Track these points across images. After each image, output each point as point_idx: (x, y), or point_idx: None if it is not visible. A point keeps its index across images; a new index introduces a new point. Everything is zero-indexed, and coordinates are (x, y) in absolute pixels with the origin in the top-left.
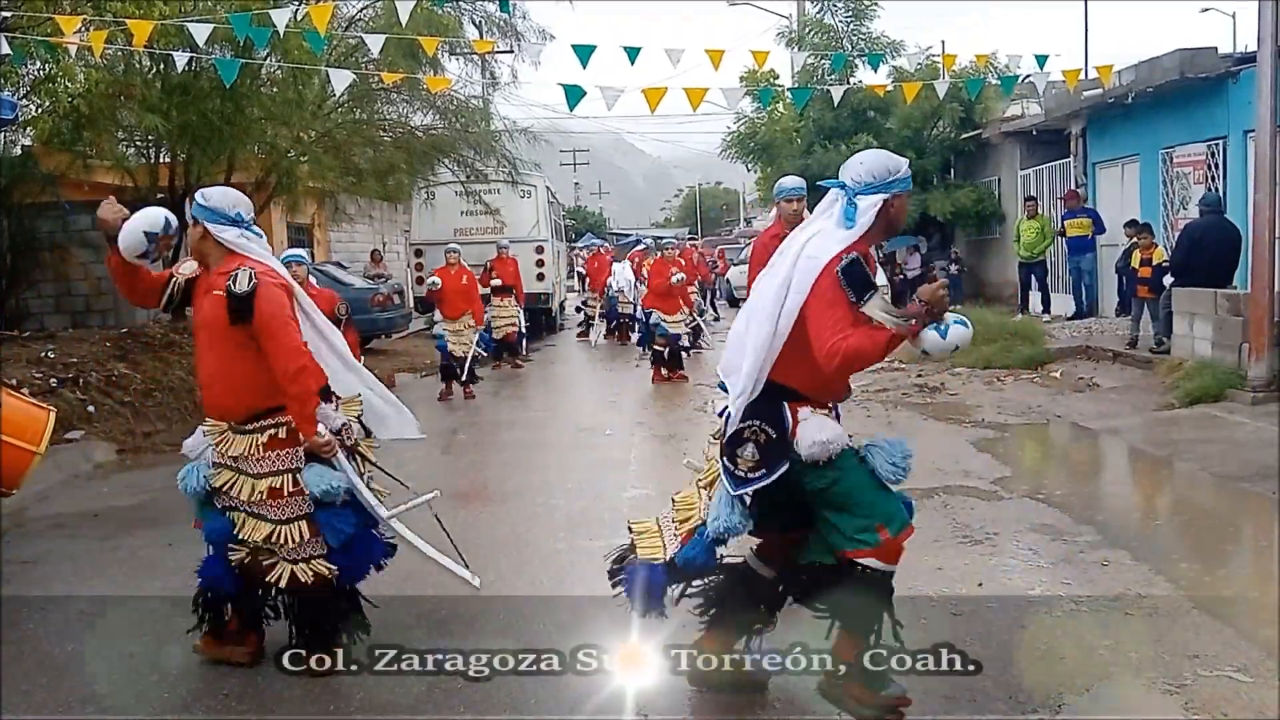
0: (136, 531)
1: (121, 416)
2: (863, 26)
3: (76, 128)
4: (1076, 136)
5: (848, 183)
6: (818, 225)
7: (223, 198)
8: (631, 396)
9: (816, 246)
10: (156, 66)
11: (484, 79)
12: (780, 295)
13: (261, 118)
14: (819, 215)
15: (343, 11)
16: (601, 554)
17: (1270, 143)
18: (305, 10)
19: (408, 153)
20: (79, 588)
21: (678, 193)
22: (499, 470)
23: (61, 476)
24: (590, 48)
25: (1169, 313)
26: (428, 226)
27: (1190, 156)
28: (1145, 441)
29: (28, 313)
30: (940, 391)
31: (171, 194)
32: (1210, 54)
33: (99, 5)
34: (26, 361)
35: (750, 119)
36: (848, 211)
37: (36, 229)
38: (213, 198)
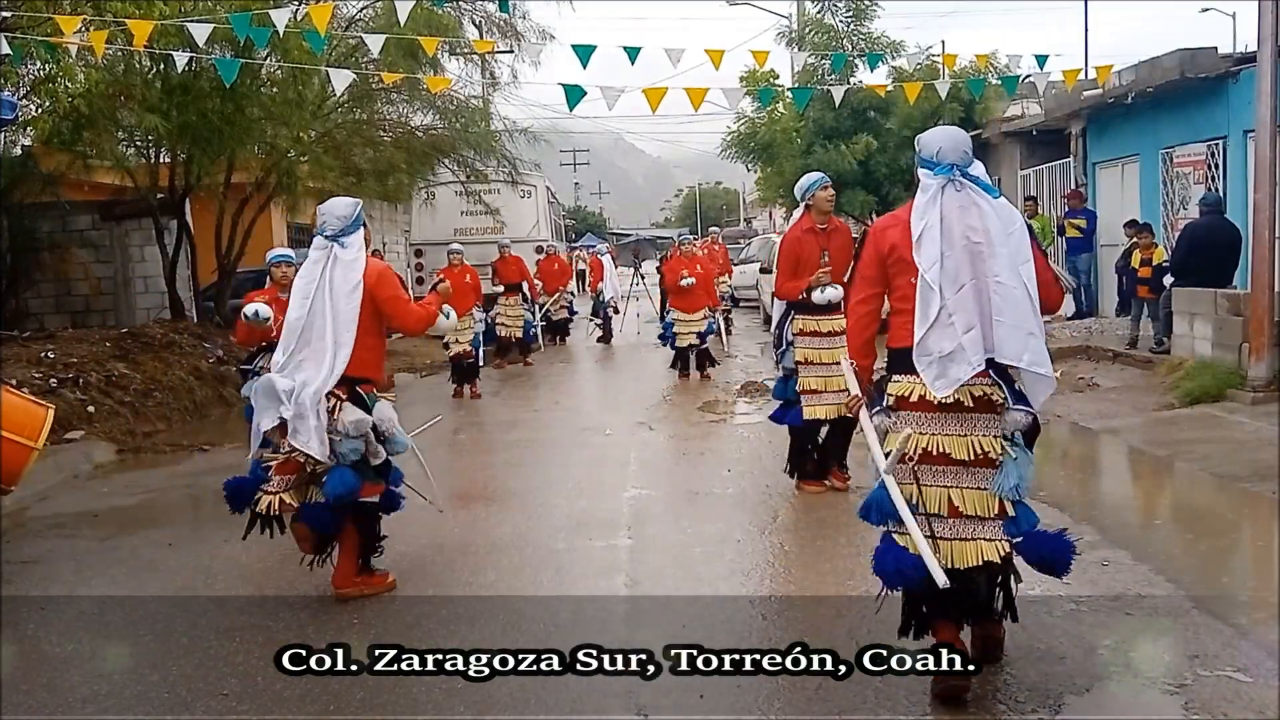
0: (136, 531)
1: (121, 416)
2: (863, 26)
3: (76, 128)
4: (1076, 136)
5: (958, 161)
6: (978, 203)
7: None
8: (632, 396)
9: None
10: (156, 66)
11: (484, 79)
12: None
13: (261, 118)
14: (962, 194)
15: (343, 11)
16: (601, 554)
17: (1270, 143)
18: (305, 10)
19: (408, 153)
20: (79, 588)
21: (678, 193)
22: (499, 470)
23: (61, 476)
24: (590, 48)
25: (1169, 313)
26: (428, 226)
27: (1190, 156)
28: (1145, 441)
29: (28, 313)
30: None
31: (171, 194)
32: (1210, 54)
33: (99, 5)
34: (26, 361)
35: (750, 119)
36: (986, 185)
37: (36, 229)
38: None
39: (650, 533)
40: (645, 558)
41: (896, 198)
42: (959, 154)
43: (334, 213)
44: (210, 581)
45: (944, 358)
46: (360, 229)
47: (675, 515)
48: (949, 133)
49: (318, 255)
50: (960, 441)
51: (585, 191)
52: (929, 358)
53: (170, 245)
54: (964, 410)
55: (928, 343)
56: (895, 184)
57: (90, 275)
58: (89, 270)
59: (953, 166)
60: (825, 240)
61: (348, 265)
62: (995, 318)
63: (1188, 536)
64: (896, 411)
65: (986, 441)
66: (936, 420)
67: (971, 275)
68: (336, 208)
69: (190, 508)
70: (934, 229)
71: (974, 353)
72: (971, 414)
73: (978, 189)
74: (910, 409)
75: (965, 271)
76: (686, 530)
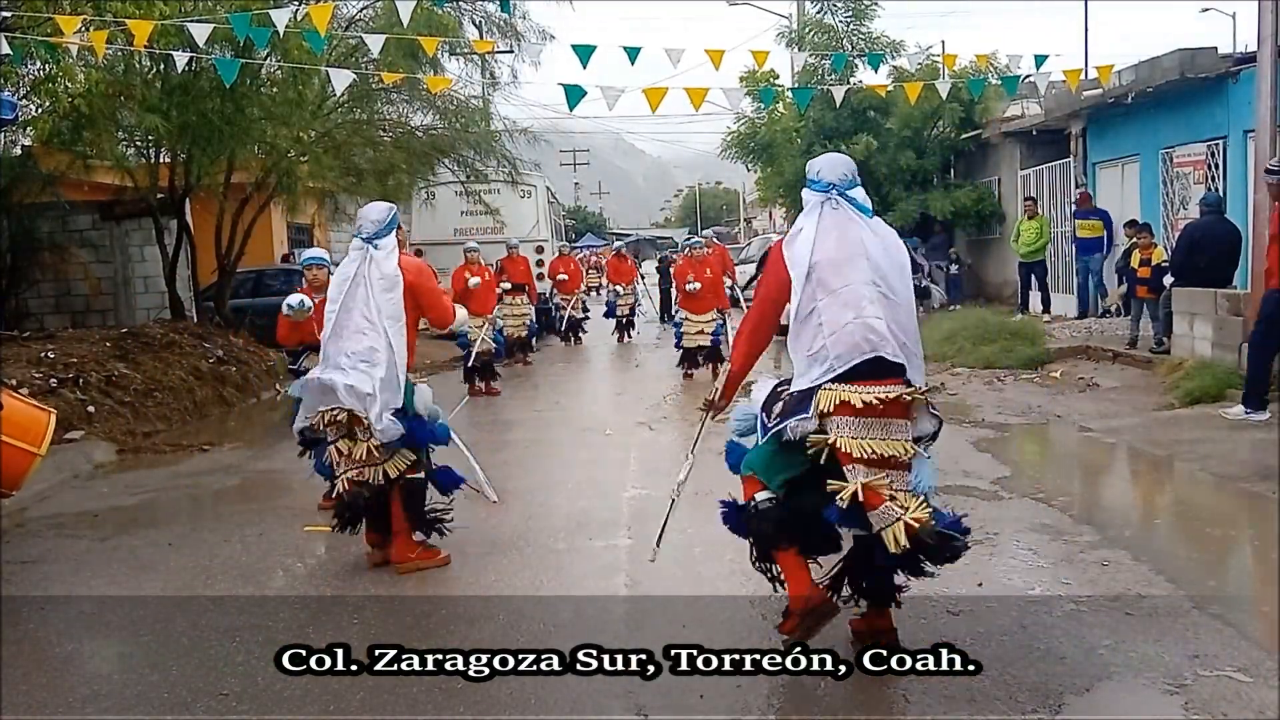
0: (136, 531)
1: (121, 416)
2: (863, 26)
3: (76, 128)
4: (1076, 136)
5: (836, 181)
6: (853, 219)
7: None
8: (633, 396)
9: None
10: (156, 66)
11: (484, 79)
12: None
13: (261, 118)
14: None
15: (343, 11)
16: (601, 554)
17: (1270, 143)
18: (305, 10)
19: (408, 153)
20: (79, 588)
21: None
22: (500, 470)
23: (61, 476)
24: (590, 48)
25: (1169, 313)
26: (428, 226)
27: (1190, 156)
28: (1145, 441)
29: (28, 313)
30: (940, 391)
31: (172, 194)
32: (1210, 54)
33: (99, 5)
34: (26, 361)
35: (750, 119)
36: (863, 207)
37: (36, 229)
38: None
39: (650, 533)
40: (645, 558)
41: (896, 198)
42: (838, 175)
43: (369, 216)
44: (210, 581)
45: (810, 356)
46: (393, 231)
47: (676, 515)
48: (831, 157)
49: (355, 255)
50: (870, 444)
51: (585, 191)
52: (798, 356)
53: (170, 245)
54: (877, 414)
55: (798, 342)
56: (895, 184)
57: (90, 275)
58: (89, 270)
59: (831, 185)
60: None
61: (382, 263)
62: (870, 320)
63: (1187, 536)
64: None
65: (893, 444)
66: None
67: (844, 282)
68: (372, 212)
69: (190, 508)
70: (808, 238)
71: (838, 352)
72: (885, 418)
73: (854, 208)
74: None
75: (834, 278)
76: (686, 530)
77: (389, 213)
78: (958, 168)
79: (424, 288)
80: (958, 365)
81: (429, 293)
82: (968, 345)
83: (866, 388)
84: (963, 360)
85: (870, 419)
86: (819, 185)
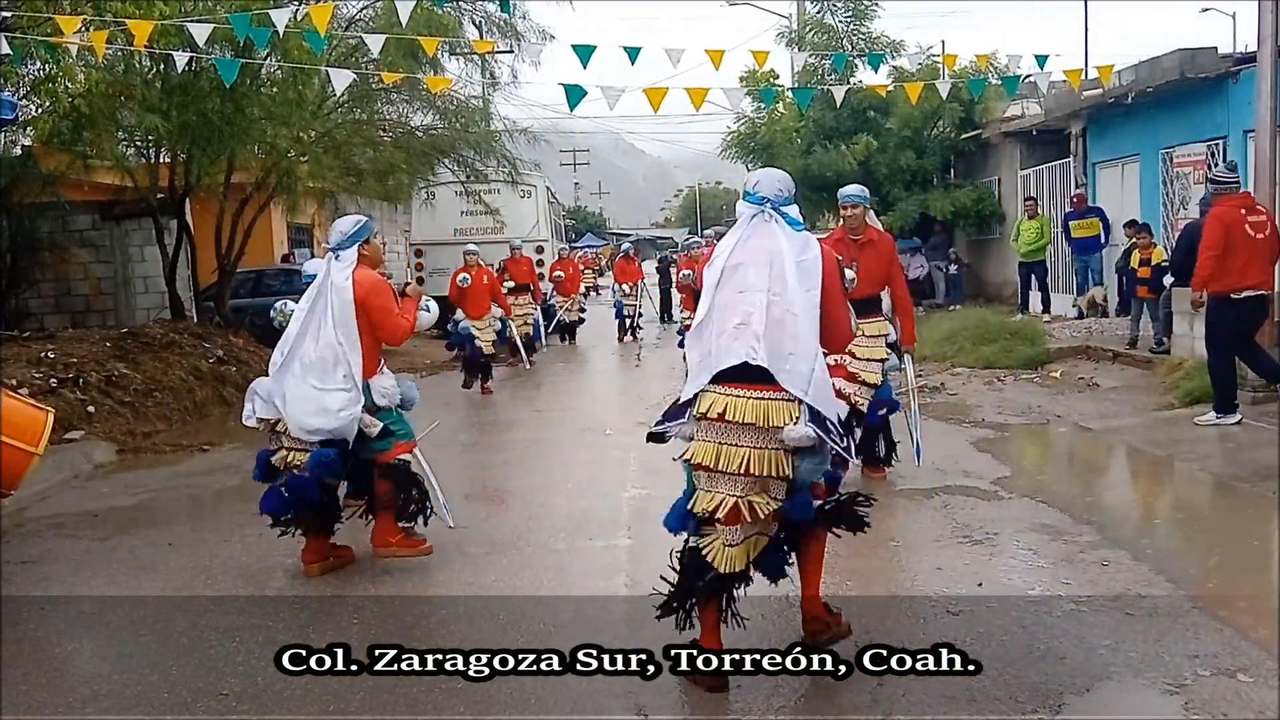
0: (136, 531)
1: (121, 416)
2: (863, 26)
3: (76, 128)
4: (1076, 136)
5: (771, 196)
6: (777, 232)
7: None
8: (633, 396)
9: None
10: (156, 66)
11: (484, 79)
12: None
13: (261, 118)
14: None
15: (343, 11)
16: (601, 554)
17: (1270, 143)
18: (305, 10)
19: (408, 153)
20: (79, 588)
21: (678, 193)
22: (500, 470)
23: (61, 476)
24: (590, 48)
25: (1169, 313)
26: (428, 226)
27: (1190, 156)
28: (1145, 441)
29: (28, 313)
30: (940, 391)
31: (172, 194)
32: (1210, 54)
33: (99, 5)
34: (26, 361)
35: (750, 119)
36: (793, 221)
37: (36, 229)
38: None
39: (650, 533)
40: (645, 558)
41: (896, 198)
42: (774, 190)
43: (338, 228)
44: (210, 581)
45: (700, 361)
46: (356, 244)
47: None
48: (770, 173)
49: (324, 264)
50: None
51: (585, 191)
52: (693, 358)
53: (170, 245)
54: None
55: (694, 343)
56: (895, 184)
57: (90, 275)
58: (89, 270)
59: (764, 199)
60: (856, 251)
61: (337, 274)
62: (762, 332)
63: (1187, 537)
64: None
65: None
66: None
67: (740, 289)
68: (341, 224)
69: (190, 508)
70: (727, 246)
71: (721, 358)
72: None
73: (783, 223)
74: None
75: (738, 284)
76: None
77: (355, 226)
78: (958, 168)
79: (372, 305)
80: (958, 365)
81: (377, 310)
82: (968, 345)
83: (731, 390)
84: (963, 360)
85: (721, 424)
86: (753, 198)
